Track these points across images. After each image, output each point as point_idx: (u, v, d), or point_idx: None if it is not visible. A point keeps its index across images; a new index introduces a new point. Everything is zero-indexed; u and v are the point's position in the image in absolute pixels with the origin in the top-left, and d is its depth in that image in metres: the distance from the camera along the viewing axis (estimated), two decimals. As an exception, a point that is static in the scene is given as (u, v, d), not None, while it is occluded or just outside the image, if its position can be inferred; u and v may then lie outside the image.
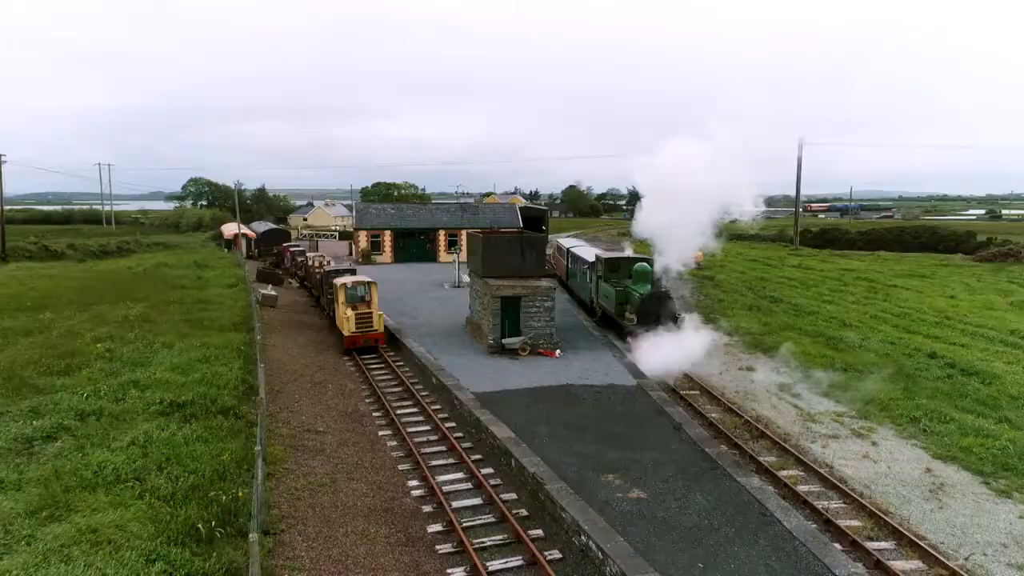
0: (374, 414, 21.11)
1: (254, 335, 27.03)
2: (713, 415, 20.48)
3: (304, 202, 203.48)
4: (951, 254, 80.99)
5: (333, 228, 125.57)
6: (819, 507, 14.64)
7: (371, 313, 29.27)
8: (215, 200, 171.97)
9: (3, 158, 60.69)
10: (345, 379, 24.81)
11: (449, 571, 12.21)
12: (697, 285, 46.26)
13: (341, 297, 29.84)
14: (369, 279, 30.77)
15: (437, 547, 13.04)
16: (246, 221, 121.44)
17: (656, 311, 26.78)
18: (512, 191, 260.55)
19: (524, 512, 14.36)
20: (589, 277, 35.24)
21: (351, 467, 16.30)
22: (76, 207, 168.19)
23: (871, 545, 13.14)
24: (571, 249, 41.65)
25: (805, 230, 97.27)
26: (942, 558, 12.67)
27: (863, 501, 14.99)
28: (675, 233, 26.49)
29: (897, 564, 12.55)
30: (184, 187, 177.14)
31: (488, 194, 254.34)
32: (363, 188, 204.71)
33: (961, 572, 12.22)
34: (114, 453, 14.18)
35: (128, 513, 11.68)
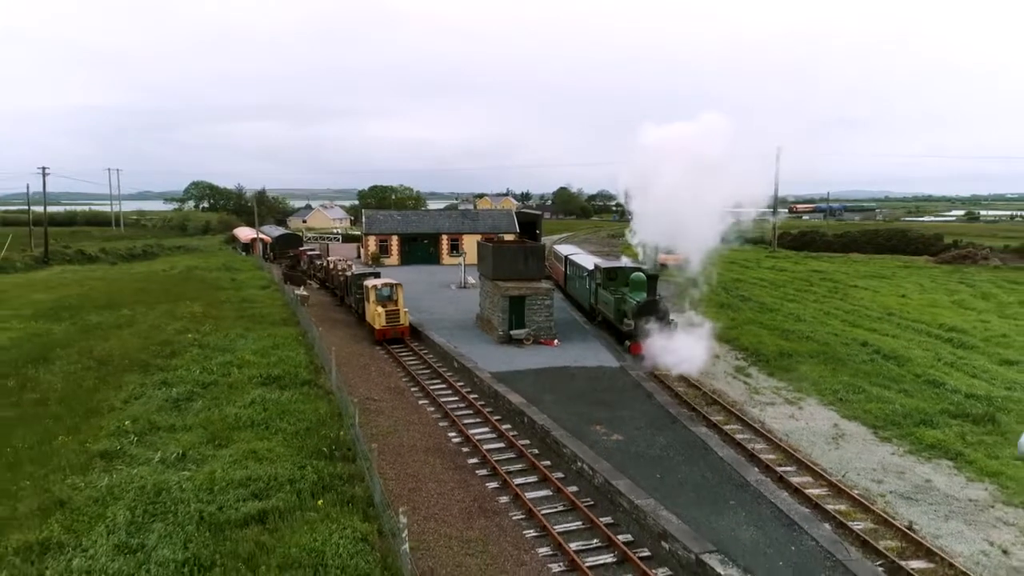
0: (412, 389, 26.69)
1: (302, 328, 32.59)
2: (679, 388, 26.14)
3: (302, 204, 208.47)
4: (918, 256, 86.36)
5: (335, 231, 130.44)
6: (747, 447, 20.32)
7: (398, 310, 34.80)
8: (216, 203, 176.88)
9: (47, 170, 65.67)
10: (382, 364, 30.36)
11: (488, 484, 17.82)
12: (676, 286, 51.87)
13: (372, 297, 35.32)
14: (396, 281, 36.30)
15: (477, 471, 18.65)
16: (251, 224, 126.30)
17: (651, 317, 29.67)
18: (504, 192, 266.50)
19: (536, 451, 19.96)
20: (588, 284, 38.23)
21: (405, 423, 21.87)
22: (69, 207, 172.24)
23: (779, 468, 18.84)
24: (569, 257, 45.54)
25: (784, 232, 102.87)
26: (825, 475, 18.40)
27: (781, 443, 20.70)
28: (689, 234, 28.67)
29: (794, 479, 18.24)
30: (186, 190, 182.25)
31: (480, 195, 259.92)
32: (359, 191, 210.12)
33: (837, 483, 17.93)
34: (241, 409, 19.74)
35: (271, 443, 17.23)
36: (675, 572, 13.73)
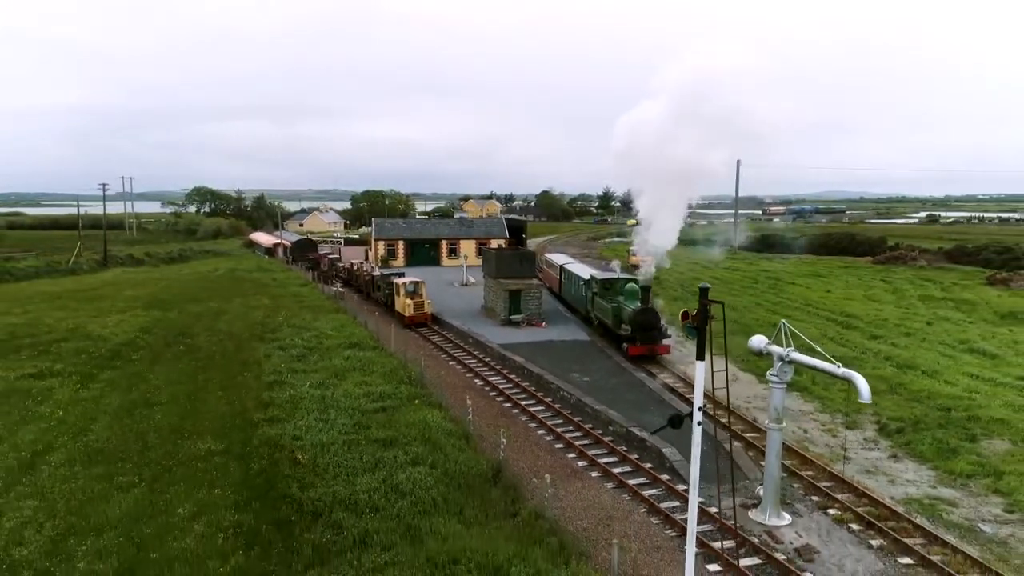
0: (441, 356, 37.33)
1: (352, 315, 43.14)
2: (632, 354, 36.98)
3: (295, 207, 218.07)
4: (863, 256, 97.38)
5: (335, 234, 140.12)
6: (671, 385, 31.22)
7: (423, 301, 45.42)
8: (216, 207, 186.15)
9: (106, 186, 75.49)
10: (415, 340, 40.97)
11: (504, 404, 28.57)
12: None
13: (402, 292, 45.87)
14: (420, 279, 46.90)
15: (496, 399, 29.37)
16: (254, 228, 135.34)
17: (646, 322, 34.53)
18: (488, 195, 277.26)
19: (533, 388, 30.69)
20: (584, 292, 43.12)
21: (444, 373, 32.53)
22: (56, 209, 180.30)
23: (687, 395, 29.73)
24: (564, 266, 50.72)
25: (750, 234, 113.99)
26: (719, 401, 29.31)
27: (693, 384, 31.54)
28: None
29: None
30: (188, 195, 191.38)
31: (466, 198, 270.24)
32: (353, 195, 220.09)
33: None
34: (342, 361, 30.30)
35: (372, 377, 27.81)
36: (615, 439, 24.55)
